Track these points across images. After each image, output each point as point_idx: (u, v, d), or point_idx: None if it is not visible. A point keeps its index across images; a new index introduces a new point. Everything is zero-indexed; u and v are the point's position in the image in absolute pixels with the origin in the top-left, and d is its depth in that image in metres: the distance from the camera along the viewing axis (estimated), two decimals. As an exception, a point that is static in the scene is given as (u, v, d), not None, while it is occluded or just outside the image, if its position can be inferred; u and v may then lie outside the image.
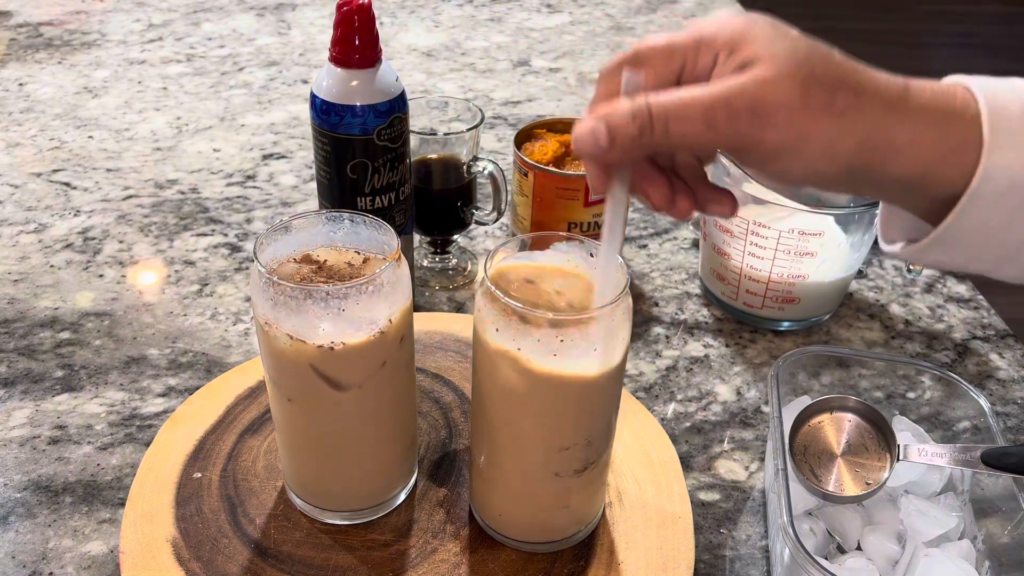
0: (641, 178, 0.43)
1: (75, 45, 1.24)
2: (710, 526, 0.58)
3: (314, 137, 0.65)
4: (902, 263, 0.84)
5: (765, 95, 0.38)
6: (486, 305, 0.47)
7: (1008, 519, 0.52)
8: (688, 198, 0.44)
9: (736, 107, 0.38)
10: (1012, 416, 0.68)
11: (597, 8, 1.43)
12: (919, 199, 0.43)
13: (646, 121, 0.39)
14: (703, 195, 0.44)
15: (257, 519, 0.56)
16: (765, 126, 0.38)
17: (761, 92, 0.38)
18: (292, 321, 0.47)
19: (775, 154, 0.39)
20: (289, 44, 1.27)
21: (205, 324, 0.74)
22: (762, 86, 0.38)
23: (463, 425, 0.63)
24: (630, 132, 0.39)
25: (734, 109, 0.38)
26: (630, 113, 0.39)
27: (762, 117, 0.38)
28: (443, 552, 0.54)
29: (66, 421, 0.64)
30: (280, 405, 0.52)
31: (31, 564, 0.54)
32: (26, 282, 0.78)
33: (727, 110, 0.38)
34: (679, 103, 0.39)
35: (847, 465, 0.55)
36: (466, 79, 1.19)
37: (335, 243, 0.52)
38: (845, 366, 0.62)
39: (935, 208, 0.42)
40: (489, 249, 0.84)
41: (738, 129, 0.38)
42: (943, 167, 0.40)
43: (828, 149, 0.39)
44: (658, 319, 0.77)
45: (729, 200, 0.44)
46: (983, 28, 3.41)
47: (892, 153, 0.40)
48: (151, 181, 0.94)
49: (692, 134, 0.39)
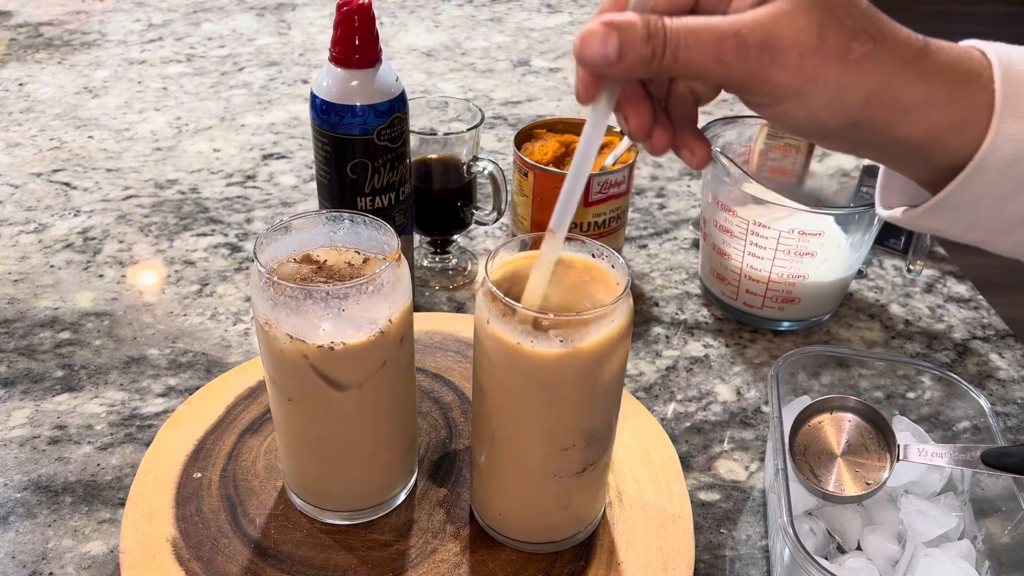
0: (627, 99, 0.41)
1: (75, 45, 1.24)
2: (710, 526, 0.58)
3: (314, 137, 0.65)
4: (902, 263, 0.84)
5: (779, 32, 0.36)
6: (487, 305, 0.47)
7: (1008, 519, 0.52)
8: (667, 133, 0.42)
9: (748, 41, 0.36)
10: (1012, 416, 0.68)
11: (597, 8, 1.42)
12: (921, 165, 0.41)
13: (660, 44, 0.37)
14: (682, 137, 0.42)
15: (257, 519, 0.56)
16: (774, 64, 0.37)
17: (776, 28, 0.36)
18: (292, 321, 0.47)
19: (780, 96, 0.38)
20: (289, 44, 1.27)
21: (205, 324, 0.74)
22: (778, 22, 0.36)
23: (463, 425, 0.63)
24: (642, 52, 0.37)
25: (745, 43, 0.36)
26: (645, 32, 0.37)
27: (773, 55, 0.36)
28: (443, 552, 0.54)
29: (66, 421, 0.64)
30: (280, 405, 0.52)
31: (31, 564, 0.54)
32: (26, 282, 0.78)
33: (738, 43, 0.36)
34: (692, 30, 0.37)
35: (847, 465, 0.55)
36: (466, 79, 1.19)
37: (335, 243, 0.52)
38: (845, 366, 0.62)
39: (936, 175, 0.41)
40: (489, 249, 0.84)
41: (747, 65, 0.37)
42: (951, 133, 0.38)
43: (834, 98, 0.37)
44: (658, 319, 0.77)
45: (704, 150, 0.42)
46: (983, 28, 3.40)
47: (900, 113, 0.38)
48: (151, 181, 0.94)
49: (700, 64, 0.37)
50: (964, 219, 0.42)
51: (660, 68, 0.38)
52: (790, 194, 0.70)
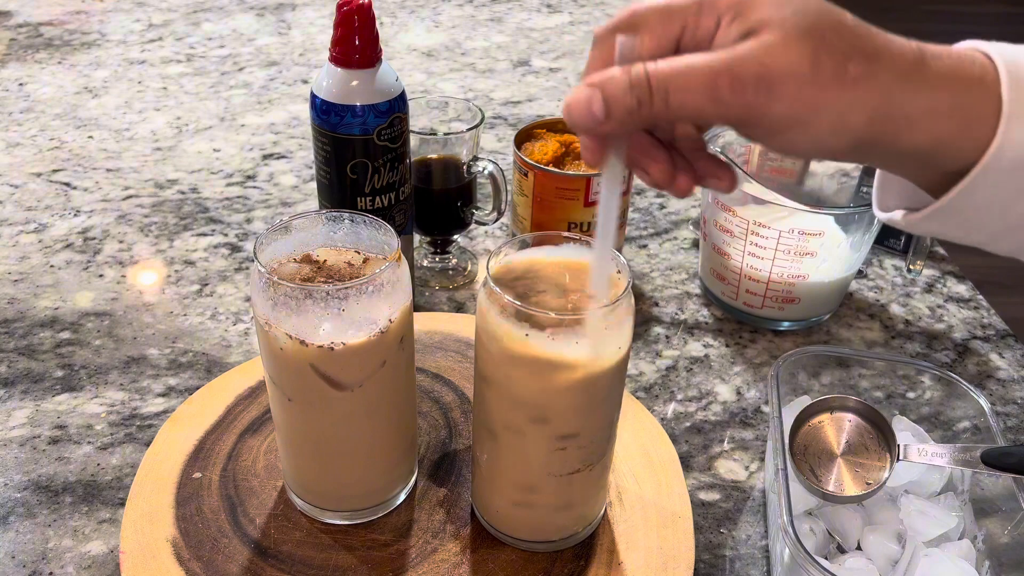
0: (640, 153, 0.41)
1: (75, 45, 1.24)
2: (710, 526, 0.58)
3: (314, 137, 0.65)
4: (902, 263, 0.84)
5: (773, 64, 0.36)
6: (488, 304, 0.47)
7: (1008, 519, 0.52)
8: (689, 174, 0.41)
9: (742, 77, 0.36)
10: (1012, 416, 0.68)
11: (597, 8, 1.43)
12: (926, 170, 0.41)
13: (645, 92, 0.36)
14: (703, 168, 0.42)
15: (257, 519, 0.56)
16: (772, 98, 0.36)
17: (768, 60, 0.36)
18: (292, 321, 0.47)
19: (782, 127, 0.37)
20: (289, 44, 1.27)
21: (205, 324, 0.74)
22: (769, 54, 0.36)
23: (463, 425, 0.63)
24: (627, 103, 0.37)
25: (739, 79, 0.36)
26: (627, 83, 0.37)
27: (769, 88, 0.36)
28: (443, 552, 0.54)
29: (66, 421, 0.64)
30: (280, 405, 0.52)
31: (31, 564, 0.54)
32: (26, 282, 0.78)
33: (732, 80, 0.36)
34: (680, 72, 0.36)
35: (847, 465, 0.55)
36: (466, 79, 1.19)
37: (335, 243, 0.52)
38: (845, 366, 0.62)
39: (939, 179, 0.40)
40: (489, 249, 0.84)
41: (744, 100, 0.36)
42: (957, 139, 0.38)
43: (838, 123, 0.37)
44: (658, 319, 0.77)
45: (728, 175, 0.42)
46: (983, 28, 3.40)
47: (905, 125, 0.37)
48: (151, 181, 0.94)
49: (694, 105, 0.36)
50: (967, 223, 0.41)
51: (653, 114, 0.37)
52: (790, 194, 0.70)
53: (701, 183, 0.42)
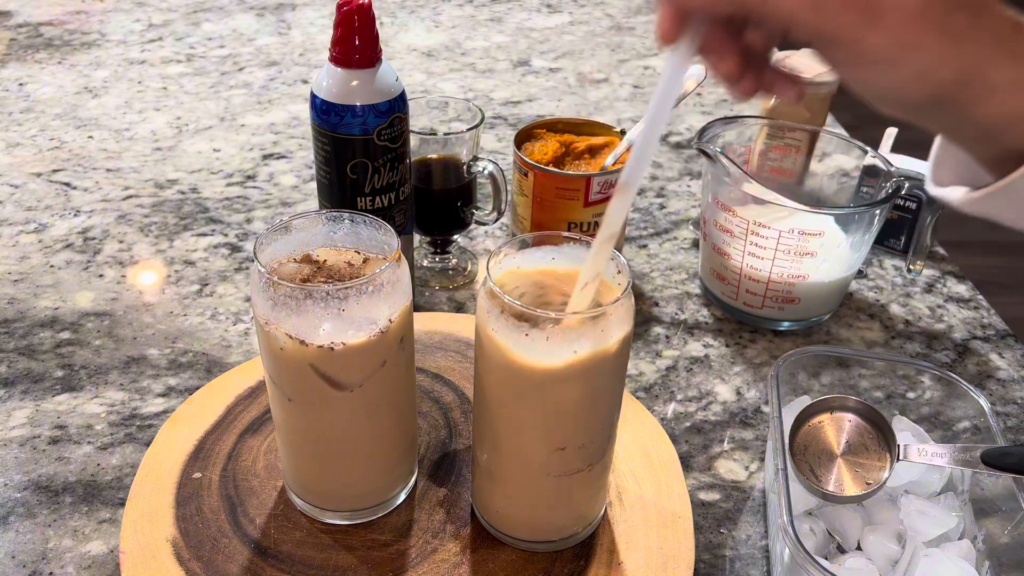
0: (716, 43, 0.39)
1: (75, 45, 1.24)
2: (710, 526, 0.58)
3: (314, 137, 0.65)
4: (902, 263, 0.84)
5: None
6: (488, 304, 0.47)
7: (1008, 519, 0.52)
8: (755, 77, 0.40)
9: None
10: (1012, 416, 0.68)
11: (597, 8, 1.43)
12: (987, 145, 0.39)
13: None
14: (770, 77, 0.40)
15: (257, 519, 0.56)
16: (873, 25, 0.34)
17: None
18: (292, 321, 0.47)
19: (870, 59, 0.36)
20: (289, 44, 1.27)
21: (205, 324, 0.74)
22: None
23: (463, 425, 0.63)
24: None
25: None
26: None
27: (874, 14, 0.34)
28: (443, 552, 0.54)
29: (66, 421, 0.64)
30: (280, 405, 0.52)
31: (31, 564, 0.54)
32: (26, 282, 0.78)
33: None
34: None
35: (847, 465, 0.55)
36: (466, 79, 1.19)
37: (335, 243, 0.52)
38: (845, 366, 0.62)
39: (1002, 157, 0.39)
40: (489, 249, 0.84)
41: (844, 19, 0.34)
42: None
43: (926, 71, 0.35)
44: (658, 319, 0.77)
45: (795, 86, 0.41)
46: None
47: (985, 92, 0.36)
48: (151, 181, 0.94)
49: (794, 8, 0.35)
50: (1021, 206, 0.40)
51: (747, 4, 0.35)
52: (790, 194, 0.70)
53: (769, 90, 0.41)
